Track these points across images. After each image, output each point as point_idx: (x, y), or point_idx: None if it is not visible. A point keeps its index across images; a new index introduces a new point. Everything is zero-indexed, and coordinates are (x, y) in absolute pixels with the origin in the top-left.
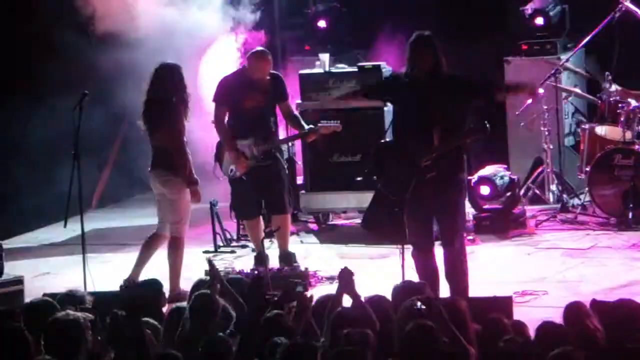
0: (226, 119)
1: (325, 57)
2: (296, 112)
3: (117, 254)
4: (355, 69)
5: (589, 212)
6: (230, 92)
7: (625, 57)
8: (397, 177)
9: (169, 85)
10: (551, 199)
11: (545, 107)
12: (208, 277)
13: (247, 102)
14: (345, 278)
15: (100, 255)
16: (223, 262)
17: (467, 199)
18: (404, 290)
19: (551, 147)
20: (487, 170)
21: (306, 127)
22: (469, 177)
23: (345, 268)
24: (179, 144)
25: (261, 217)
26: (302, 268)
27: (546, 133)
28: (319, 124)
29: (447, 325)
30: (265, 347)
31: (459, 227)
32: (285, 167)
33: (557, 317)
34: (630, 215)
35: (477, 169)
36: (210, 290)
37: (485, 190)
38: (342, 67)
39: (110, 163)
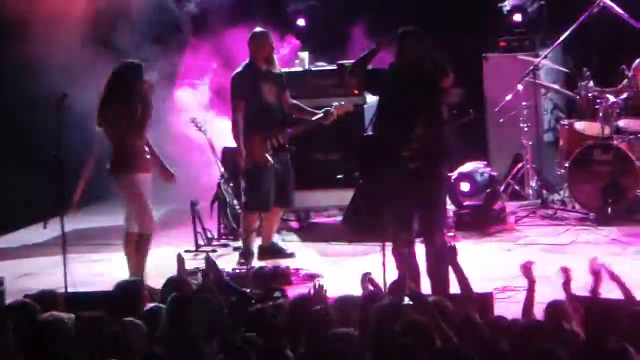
0: (243, 115)
1: (304, 55)
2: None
3: (98, 254)
4: (334, 67)
5: (568, 208)
6: (244, 86)
7: (603, 53)
8: (378, 170)
9: (129, 85)
10: (531, 195)
11: (525, 103)
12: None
13: (262, 93)
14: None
15: (81, 255)
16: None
17: (447, 195)
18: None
19: (530, 143)
20: (467, 167)
21: (316, 111)
22: (449, 174)
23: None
24: (122, 141)
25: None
26: (284, 266)
27: (525, 129)
28: (334, 104)
29: (436, 321)
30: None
31: (439, 223)
32: None
33: (538, 313)
34: (609, 210)
35: (456, 166)
36: (204, 282)
37: (465, 186)
38: (322, 65)
39: (89, 167)
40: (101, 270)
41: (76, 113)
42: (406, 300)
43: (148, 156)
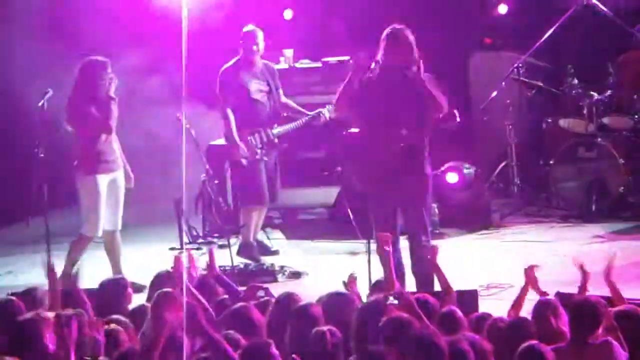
0: (231, 110)
1: (289, 52)
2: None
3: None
4: (319, 64)
5: (552, 205)
6: (230, 81)
7: (586, 50)
8: (362, 168)
9: (94, 83)
10: (515, 193)
11: (509, 101)
12: (167, 270)
13: (249, 89)
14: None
15: (65, 253)
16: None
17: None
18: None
19: (515, 140)
20: (452, 164)
21: (307, 112)
22: (434, 171)
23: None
24: (88, 139)
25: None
26: (268, 264)
27: (510, 127)
28: (327, 107)
29: (421, 318)
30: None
31: (425, 220)
32: None
33: (523, 310)
34: (593, 207)
35: (440, 165)
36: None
37: (452, 178)
38: (307, 63)
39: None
40: (84, 267)
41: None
42: (390, 298)
43: (113, 156)
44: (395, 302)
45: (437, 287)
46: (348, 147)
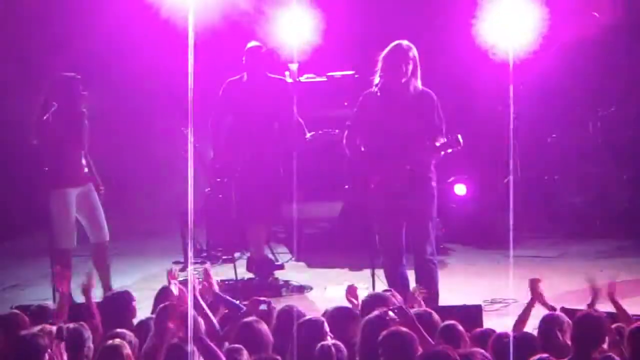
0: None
1: (294, 66)
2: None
3: (86, 263)
4: (324, 79)
5: (557, 220)
6: (231, 95)
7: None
8: (368, 184)
9: (66, 99)
10: (520, 207)
11: (514, 115)
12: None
13: (248, 105)
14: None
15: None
16: (194, 273)
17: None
18: (372, 301)
19: (519, 154)
20: (460, 176)
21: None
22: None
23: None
24: (57, 154)
25: None
26: (273, 278)
27: (514, 141)
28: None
29: (421, 333)
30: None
31: (430, 235)
32: None
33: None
34: (597, 222)
35: (445, 177)
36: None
37: (460, 190)
38: (311, 77)
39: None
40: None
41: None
42: (390, 313)
43: (81, 170)
44: (395, 317)
45: (441, 302)
46: (354, 165)
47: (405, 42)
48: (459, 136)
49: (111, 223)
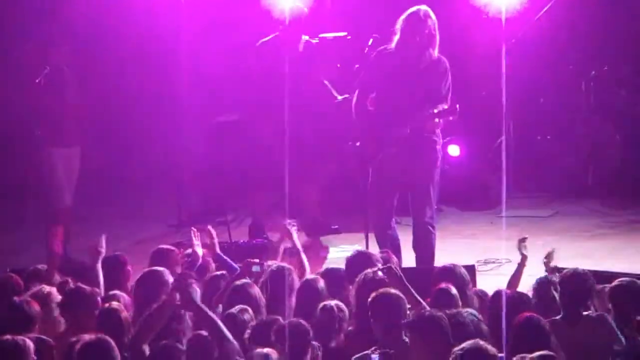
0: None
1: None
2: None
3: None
4: (316, 40)
5: (550, 180)
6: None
7: None
8: (372, 144)
9: None
10: (513, 167)
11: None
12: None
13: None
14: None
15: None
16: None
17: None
18: (356, 260)
19: (512, 115)
20: (455, 137)
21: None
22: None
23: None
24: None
25: None
26: (266, 240)
27: (507, 102)
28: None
29: (410, 293)
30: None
31: (431, 198)
32: None
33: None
34: (589, 182)
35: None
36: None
37: (454, 151)
38: (305, 39)
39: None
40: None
41: None
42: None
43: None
44: (383, 275)
45: (436, 262)
46: (359, 125)
47: (423, 9)
48: (457, 105)
49: (103, 186)
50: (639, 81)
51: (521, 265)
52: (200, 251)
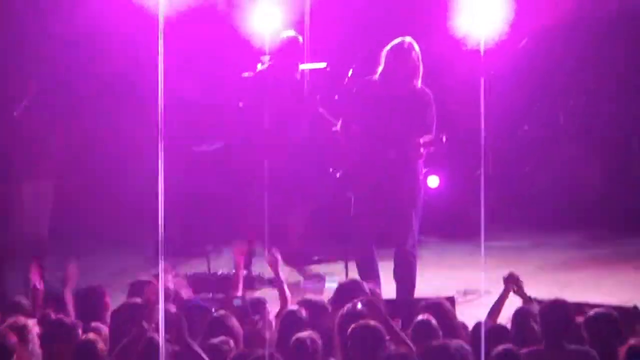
0: None
1: (266, 58)
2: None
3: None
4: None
5: (530, 210)
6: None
7: None
8: (355, 171)
9: None
10: (492, 198)
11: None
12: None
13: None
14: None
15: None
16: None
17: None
18: (346, 287)
19: (492, 146)
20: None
21: None
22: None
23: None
24: None
25: None
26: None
27: (487, 132)
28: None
29: (390, 326)
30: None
31: (412, 226)
32: None
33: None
34: (569, 213)
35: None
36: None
37: (433, 182)
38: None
39: None
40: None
41: None
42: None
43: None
44: (363, 307)
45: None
46: (345, 151)
47: (407, 40)
48: (443, 137)
49: (80, 217)
50: (618, 111)
51: (502, 299)
52: (172, 286)
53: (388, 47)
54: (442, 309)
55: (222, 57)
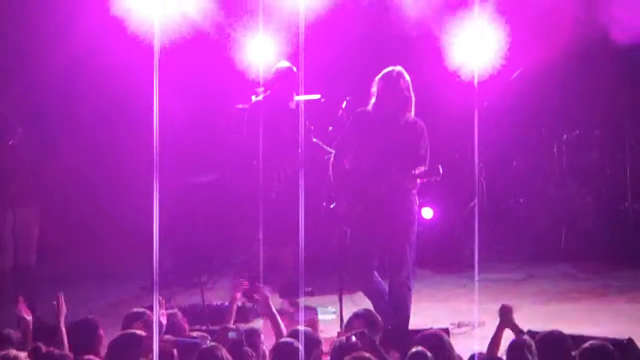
0: None
1: (260, 90)
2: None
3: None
4: (319, 97)
5: (522, 242)
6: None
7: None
8: (350, 204)
9: None
10: (487, 230)
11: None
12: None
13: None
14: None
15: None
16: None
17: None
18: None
19: (485, 177)
20: (427, 199)
21: None
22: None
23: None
24: None
25: None
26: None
27: (480, 164)
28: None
29: (382, 356)
30: None
31: (407, 257)
32: None
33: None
34: (562, 245)
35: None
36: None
37: (427, 213)
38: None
39: None
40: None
41: None
42: (352, 338)
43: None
44: (356, 340)
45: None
46: (336, 185)
47: (397, 69)
48: (440, 166)
49: (74, 247)
50: (610, 144)
51: (499, 330)
52: (164, 321)
53: (378, 76)
54: (438, 340)
55: (217, 88)
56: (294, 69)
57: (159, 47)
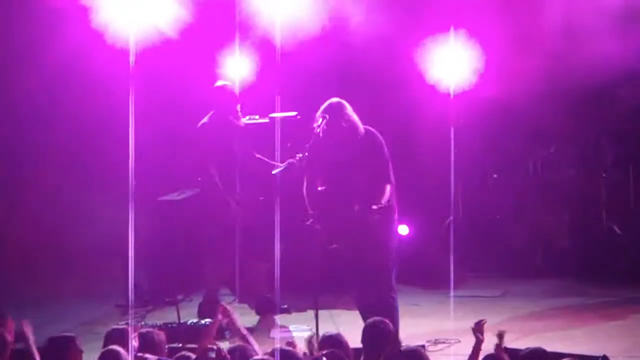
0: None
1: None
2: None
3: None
4: (266, 120)
5: (500, 260)
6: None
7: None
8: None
9: None
10: (462, 247)
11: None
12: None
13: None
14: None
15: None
16: (136, 318)
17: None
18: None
19: (462, 195)
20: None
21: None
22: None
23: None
24: None
25: None
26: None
27: (456, 182)
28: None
29: None
30: None
31: (389, 269)
32: None
33: None
34: (538, 262)
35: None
36: None
37: (403, 230)
38: (254, 118)
39: None
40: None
41: None
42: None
43: None
44: None
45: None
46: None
47: (334, 101)
48: (391, 202)
49: (48, 266)
50: (587, 161)
51: (476, 349)
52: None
53: (318, 112)
54: (418, 356)
55: (188, 106)
56: (229, 85)
57: (132, 68)
